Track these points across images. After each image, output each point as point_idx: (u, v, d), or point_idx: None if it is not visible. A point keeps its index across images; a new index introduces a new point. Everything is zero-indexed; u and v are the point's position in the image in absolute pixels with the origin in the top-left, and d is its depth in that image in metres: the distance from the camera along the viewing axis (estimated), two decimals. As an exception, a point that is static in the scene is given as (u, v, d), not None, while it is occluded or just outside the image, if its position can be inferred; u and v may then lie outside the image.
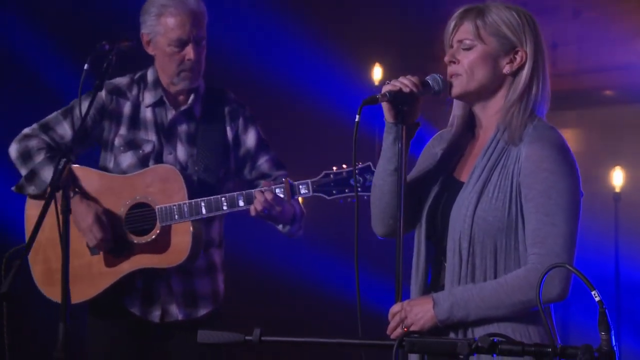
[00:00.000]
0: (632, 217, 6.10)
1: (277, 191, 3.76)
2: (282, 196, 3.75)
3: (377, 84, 6.28)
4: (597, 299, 2.13)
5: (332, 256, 5.93)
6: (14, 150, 3.98)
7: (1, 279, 3.43)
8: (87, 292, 3.90)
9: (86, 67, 3.65)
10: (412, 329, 2.82)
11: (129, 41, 3.82)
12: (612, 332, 2.13)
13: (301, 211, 3.92)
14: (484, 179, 2.85)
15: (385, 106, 2.87)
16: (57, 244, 3.55)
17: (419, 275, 2.93)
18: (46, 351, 3.39)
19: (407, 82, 2.85)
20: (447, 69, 2.92)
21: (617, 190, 6.06)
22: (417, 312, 2.82)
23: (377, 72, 6.42)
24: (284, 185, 3.76)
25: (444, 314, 2.80)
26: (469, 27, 2.88)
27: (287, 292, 6.10)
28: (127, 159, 3.95)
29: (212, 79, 4.06)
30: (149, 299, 3.93)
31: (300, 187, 3.76)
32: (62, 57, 5.25)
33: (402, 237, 2.81)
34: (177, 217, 3.84)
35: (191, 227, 3.84)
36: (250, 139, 4.01)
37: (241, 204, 3.79)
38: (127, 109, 3.98)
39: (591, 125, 6.46)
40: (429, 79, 2.90)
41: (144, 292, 3.92)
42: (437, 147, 3.05)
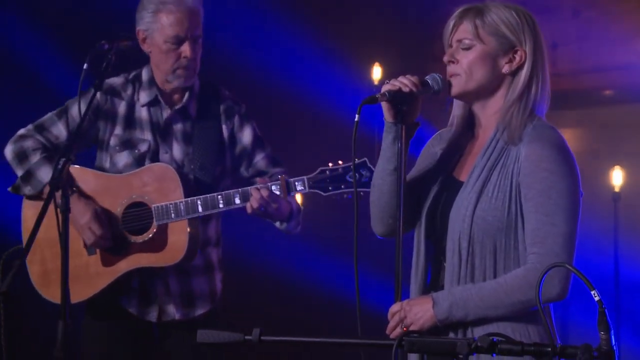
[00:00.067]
0: (632, 217, 6.11)
1: (273, 188, 3.75)
2: (278, 193, 3.75)
3: (377, 83, 6.28)
4: (596, 299, 2.13)
5: (332, 255, 5.92)
6: (9, 151, 3.97)
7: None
8: (84, 292, 3.89)
9: (85, 66, 3.66)
10: (412, 328, 2.81)
11: (128, 40, 3.82)
12: (612, 331, 2.13)
13: (298, 208, 3.91)
14: (484, 178, 2.85)
15: (384, 106, 2.87)
16: (54, 244, 3.54)
17: (419, 274, 2.93)
18: (45, 351, 3.38)
19: (406, 82, 2.85)
20: (447, 69, 2.92)
21: (617, 190, 6.07)
22: (416, 311, 2.82)
23: (377, 72, 6.42)
24: (279, 182, 3.75)
25: (443, 313, 2.80)
26: (468, 26, 2.88)
27: (286, 291, 6.09)
28: (123, 159, 3.94)
29: (212, 78, 4.06)
30: (146, 299, 3.92)
31: (296, 183, 3.75)
32: (62, 57, 5.25)
33: (401, 236, 2.81)
34: (173, 215, 3.83)
35: (188, 226, 3.83)
36: (246, 137, 4.01)
37: (237, 201, 3.79)
38: (122, 108, 3.97)
39: (591, 125, 6.46)
40: (429, 78, 2.89)
41: (141, 291, 3.92)
42: (437, 147, 3.04)
